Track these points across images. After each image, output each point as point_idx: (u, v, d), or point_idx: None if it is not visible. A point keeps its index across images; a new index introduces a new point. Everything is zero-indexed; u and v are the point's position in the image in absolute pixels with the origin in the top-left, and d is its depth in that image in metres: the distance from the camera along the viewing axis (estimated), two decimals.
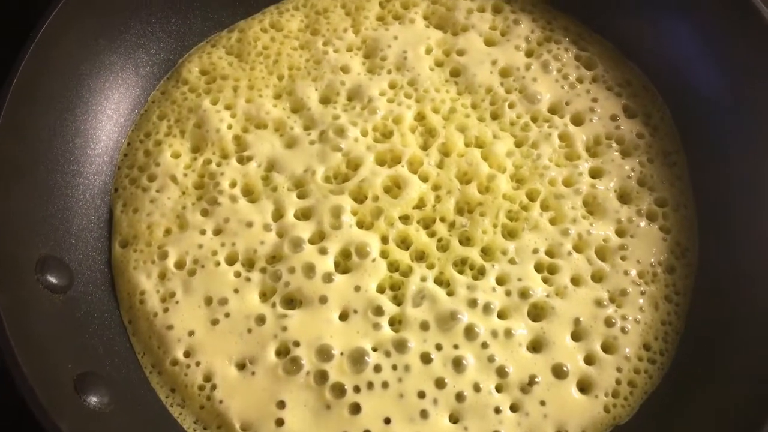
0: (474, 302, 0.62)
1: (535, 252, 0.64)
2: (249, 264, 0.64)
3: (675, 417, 0.59)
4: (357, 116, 0.70)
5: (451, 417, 0.58)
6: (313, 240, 0.65)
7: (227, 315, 0.62)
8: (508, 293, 0.62)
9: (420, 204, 0.66)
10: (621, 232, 0.66)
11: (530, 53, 0.74)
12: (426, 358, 0.60)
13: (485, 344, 0.60)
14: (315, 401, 0.58)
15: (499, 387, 0.59)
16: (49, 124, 0.65)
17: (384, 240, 0.65)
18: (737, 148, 0.67)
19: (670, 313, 0.63)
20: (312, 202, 0.66)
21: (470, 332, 0.60)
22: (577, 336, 0.61)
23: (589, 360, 0.61)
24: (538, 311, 0.62)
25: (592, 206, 0.67)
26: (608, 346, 0.61)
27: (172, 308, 0.63)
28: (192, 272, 0.64)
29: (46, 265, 0.60)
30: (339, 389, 0.59)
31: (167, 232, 0.66)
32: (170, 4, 0.74)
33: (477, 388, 0.59)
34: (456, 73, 0.73)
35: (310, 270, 0.63)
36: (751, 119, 0.67)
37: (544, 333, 0.61)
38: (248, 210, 0.66)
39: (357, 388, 0.59)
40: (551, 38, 0.75)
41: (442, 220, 0.66)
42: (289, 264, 0.63)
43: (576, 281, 0.63)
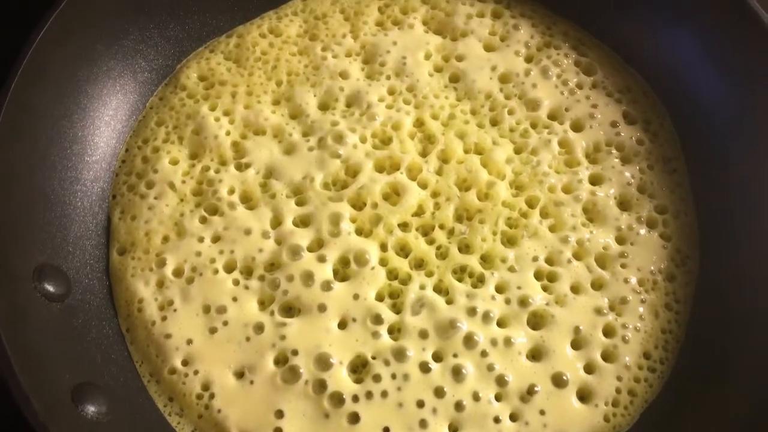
0: (473, 310, 0.61)
1: (535, 260, 0.64)
2: (247, 272, 0.64)
3: (675, 426, 0.59)
4: (356, 122, 0.70)
5: (451, 426, 0.58)
6: (312, 247, 0.65)
7: (225, 323, 0.62)
8: (508, 301, 0.62)
9: (419, 211, 0.66)
10: (621, 240, 0.65)
11: (530, 59, 0.74)
12: (425, 367, 0.59)
13: (484, 353, 0.60)
14: (313, 410, 0.58)
15: (499, 396, 0.59)
16: (47, 131, 0.65)
17: (383, 247, 0.64)
18: (738, 154, 0.67)
19: (671, 322, 0.63)
20: (311, 209, 0.66)
21: (469, 341, 0.60)
22: (577, 344, 0.61)
23: (589, 369, 0.60)
24: (538, 319, 0.62)
25: (592, 213, 0.66)
26: (608, 355, 0.61)
27: (171, 316, 0.62)
28: (190, 280, 0.64)
29: (44, 274, 0.60)
30: (338, 398, 0.58)
31: (165, 240, 0.66)
32: (168, 10, 0.74)
33: (476, 397, 0.58)
34: (455, 79, 0.73)
35: (309, 278, 0.63)
36: (752, 125, 0.66)
37: (544, 341, 0.61)
38: (246, 217, 0.66)
39: (356, 398, 0.58)
40: (551, 44, 0.75)
41: (441, 228, 0.65)
42: (288, 272, 0.63)
43: (576, 289, 0.63)
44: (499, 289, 0.63)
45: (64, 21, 0.65)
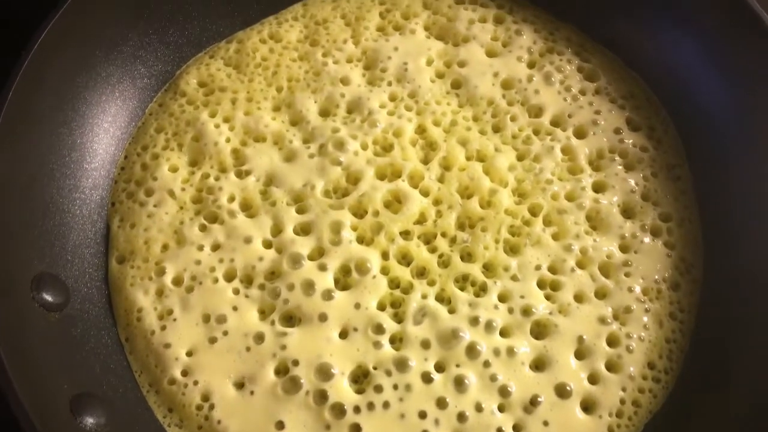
0: (476, 320, 0.61)
1: (538, 268, 0.63)
2: (247, 281, 0.63)
3: None
4: (357, 129, 0.70)
5: None
6: (313, 256, 0.64)
7: (225, 333, 0.61)
8: (511, 311, 0.62)
9: (421, 219, 0.66)
10: (625, 248, 0.65)
11: (532, 64, 0.73)
12: (427, 378, 0.59)
13: (487, 363, 0.59)
14: (314, 422, 0.57)
15: (502, 407, 0.58)
16: (45, 138, 0.64)
17: (384, 256, 0.64)
18: (742, 161, 0.66)
19: (675, 331, 0.62)
20: (311, 217, 0.65)
21: (472, 350, 0.60)
22: (581, 354, 0.60)
23: (593, 379, 0.60)
24: (541, 329, 0.61)
25: (596, 221, 0.66)
26: (612, 365, 0.60)
27: (170, 326, 0.62)
28: (190, 289, 0.63)
29: (42, 283, 0.59)
30: (339, 409, 0.58)
31: (165, 248, 0.65)
32: (168, 16, 0.73)
33: (479, 408, 0.58)
34: (457, 85, 0.72)
35: (310, 287, 0.62)
36: (756, 131, 0.66)
37: (547, 351, 0.60)
38: (247, 225, 0.65)
39: (357, 409, 0.58)
40: (553, 49, 0.74)
41: (443, 236, 0.65)
42: (288, 281, 0.63)
43: (579, 298, 0.62)
44: (502, 298, 0.62)
45: (63, 27, 0.64)
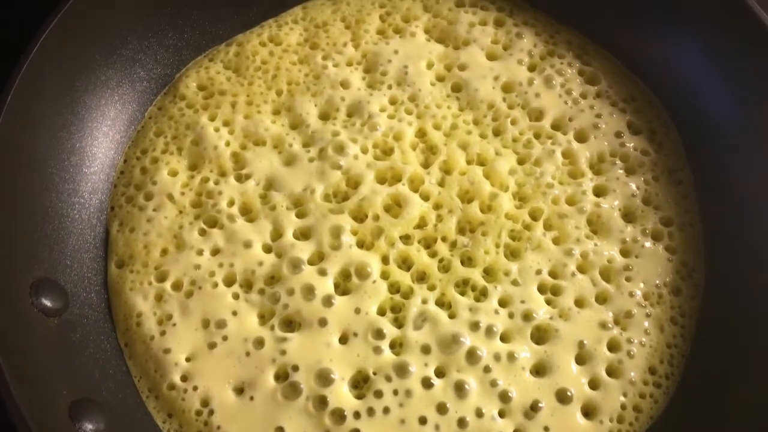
0: (476, 325, 0.60)
1: (538, 273, 0.63)
2: (247, 285, 0.63)
3: None
4: (357, 133, 0.69)
5: None
6: (313, 261, 0.64)
7: (225, 338, 0.61)
8: (511, 315, 0.61)
9: (421, 223, 0.65)
10: (626, 253, 0.64)
11: (533, 68, 0.73)
12: (427, 383, 0.58)
13: (488, 368, 0.59)
14: (314, 427, 0.57)
15: (502, 412, 0.58)
16: (44, 143, 0.64)
17: (384, 260, 0.64)
18: (744, 165, 0.66)
19: (676, 336, 0.62)
20: (311, 222, 0.65)
21: (472, 356, 0.59)
22: (582, 359, 0.60)
23: (594, 384, 0.59)
24: (542, 334, 0.61)
25: (596, 225, 0.66)
26: (613, 370, 0.60)
27: (169, 331, 0.61)
28: (189, 294, 0.63)
29: (41, 288, 0.59)
30: (339, 415, 0.58)
31: (164, 252, 0.65)
32: (167, 19, 0.73)
33: (479, 414, 0.58)
34: (457, 89, 0.72)
35: (310, 292, 0.62)
36: (759, 134, 0.66)
37: (548, 356, 0.60)
38: (246, 229, 0.65)
39: (357, 414, 0.58)
40: (554, 52, 0.74)
41: (444, 240, 0.64)
42: (288, 285, 0.62)
43: (580, 303, 0.62)
44: (503, 303, 0.62)
45: (62, 31, 0.64)
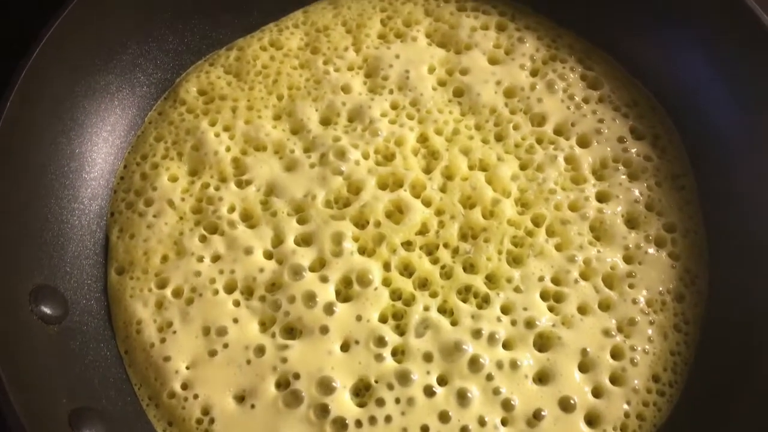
0: (479, 332, 0.60)
1: (541, 279, 0.63)
2: (248, 292, 0.63)
3: None
4: (358, 138, 0.69)
5: None
6: (314, 267, 0.63)
7: (226, 346, 0.60)
8: (514, 323, 0.61)
9: (423, 229, 0.65)
10: (629, 259, 0.64)
11: (535, 72, 0.73)
12: (429, 391, 0.58)
13: (490, 376, 0.59)
14: None
15: (505, 421, 0.58)
16: (44, 148, 0.64)
17: (386, 267, 0.63)
18: (747, 170, 0.66)
19: (680, 343, 0.62)
20: (312, 228, 0.65)
21: (475, 363, 0.59)
22: (585, 367, 0.60)
23: (597, 392, 0.59)
24: (544, 341, 0.61)
25: (599, 232, 0.65)
26: (616, 378, 0.60)
27: (170, 338, 0.61)
28: (190, 301, 0.62)
29: (40, 295, 0.58)
30: (340, 423, 0.57)
31: (164, 259, 0.64)
32: (168, 23, 0.73)
33: (482, 422, 0.57)
34: (459, 93, 0.72)
35: (311, 299, 0.62)
36: (762, 139, 0.65)
37: (551, 364, 0.59)
38: (247, 236, 0.65)
39: (359, 423, 0.57)
40: (556, 57, 0.74)
41: (446, 247, 0.64)
42: (289, 292, 0.62)
43: (583, 310, 0.62)
44: (505, 310, 0.62)
45: (61, 36, 0.64)
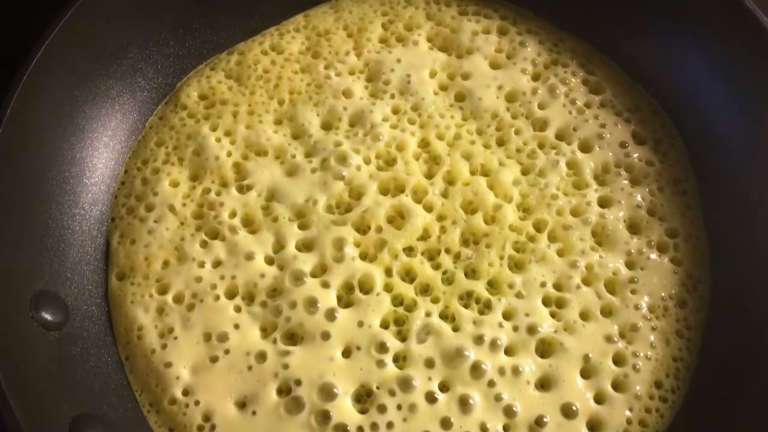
0: (480, 338, 0.60)
1: (543, 285, 0.62)
2: (249, 298, 0.63)
3: None
4: (359, 143, 0.69)
5: None
6: (315, 273, 0.63)
7: (227, 352, 0.60)
8: (516, 329, 0.61)
9: (424, 235, 0.65)
10: (631, 265, 0.64)
11: (537, 77, 0.73)
12: (431, 397, 0.58)
13: (492, 382, 0.58)
14: None
15: (507, 427, 0.57)
16: (44, 154, 0.64)
17: (388, 273, 0.63)
18: (749, 174, 0.65)
19: (682, 349, 0.61)
20: (314, 233, 0.65)
21: (477, 369, 0.59)
22: (587, 373, 0.60)
23: (599, 399, 0.59)
24: (546, 347, 0.61)
25: (601, 237, 0.65)
26: (618, 384, 0.59)
27: (171, 344, 0.61)
28: (191, 307, 0.62)
29: (41, 301, 0.58)
30: (342, 430, 0.57)
31: (165, 265, 0.64)
32: (168, 27, 0.72)
33: (484, 429, 0.57)
34: (461, 98, 0.71)
35: (312, 304, 0.61)
36: (764, 144, 0.65)
37: (553, 370, 0.59)
38: (248, 241, 0.65)
39: (360, 429, 0.57)
40: (558, 61, 0.73)
41: (447, 252, 0.64)
42: (291, 298, 0.62)
43: (585, 316, 0.62)
44: (507, 316, 0.61)
45: (62, 40, 0.63)
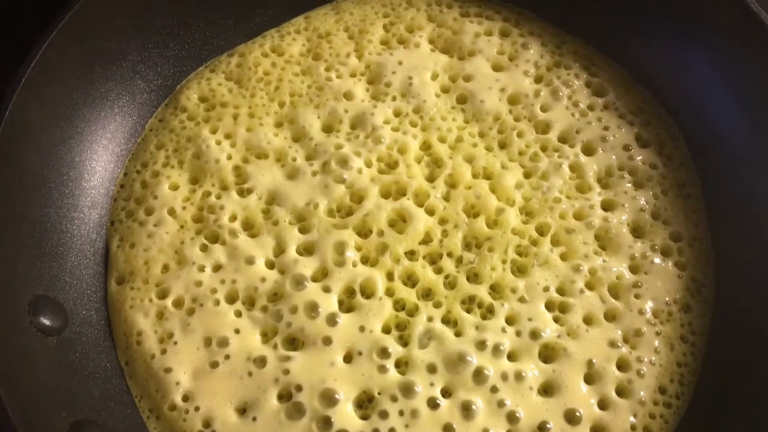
0: (483, 343, 0.59)
1: (546, 290, 0.62)
2: (250, 303, 0.62)
3: None
4: (361, 146, 0.68)
5: None
6: (316, 277, 0.63)
7: (227, 357, 0.60)
8: (518, 334, 0.60)
9: (426, 239, 0.64)
10: (635, 269, 0.63)
11: (539, 79, 0.72)
12: (433, 403, 0.57)
13: (495, 388, 0.58)
14: None
15: None
16: (43, 157, 0.63)
17: (389, 277, 0.62)
18: (753, 178, 0.65)
19: (686, 354, 0.61)
20: (314, 237, 0.64)
21: (479, 375, 0.58)
22: (590, 379, 0.59)
23: (603, 404, 0.58)
24: (550, 352, 0.60)
25: (605, 241, 0.64)
26: (622, 390, 0.59)
27: (171, 349, 0.60)
28: (191, 311, 0.62)
29: (40, 306, 0.58)
30: None
31: (165, 269, 0.64)
32: (168, 29, 0.72)
33: None
34: (463, 100, 0.71)
35: (313, 309, 0.61)
36: None
37: (556, 376, 0.59)
38: (248, 245, 0.64)
39: None
40: (561, 63, 0.73)
41: (449, 256, 0.63)
42: (291, 303, 0.61)
43: (588, 321, 0.61)
44: (510, 321, 0.61)
45: (61, 43, 0.63)
